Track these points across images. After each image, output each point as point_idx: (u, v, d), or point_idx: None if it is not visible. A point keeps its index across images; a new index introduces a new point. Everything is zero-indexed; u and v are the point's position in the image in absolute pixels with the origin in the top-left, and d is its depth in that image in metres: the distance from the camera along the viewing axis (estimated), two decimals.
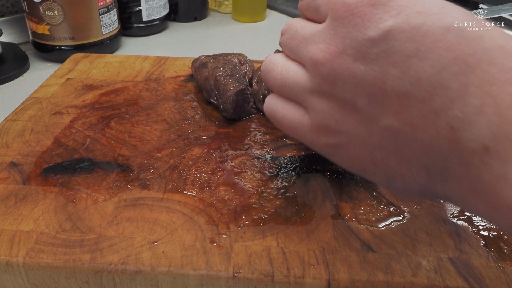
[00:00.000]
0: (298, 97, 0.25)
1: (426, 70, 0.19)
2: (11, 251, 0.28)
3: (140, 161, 0.37)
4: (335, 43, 0.22)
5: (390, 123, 0.20)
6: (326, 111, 0.23)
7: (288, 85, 0.25)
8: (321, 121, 0.24)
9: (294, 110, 0.26)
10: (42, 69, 0.63)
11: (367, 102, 0.21)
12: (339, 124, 0.23)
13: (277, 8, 0.89)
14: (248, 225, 0.30)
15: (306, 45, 0.24)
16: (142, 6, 0.73)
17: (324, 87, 0.23)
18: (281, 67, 0.26)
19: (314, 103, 0.24)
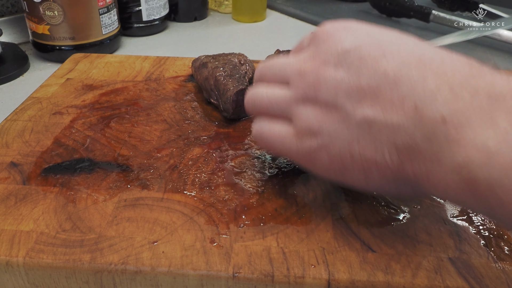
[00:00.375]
0: (284, 109, 0.28)
1: (392, 67, 0.24)
2: (11, 251, 0.28)
3: (140, 161, 0.37)
4: (318, 57, 0.27)
5: (366, 113, 0.24)
6: (310, 115, 0.26)
7: (273, 102, 0.29)
8: (305, 125, 0.26)
9: (280, 124, 0.29)
10: (42, 69, 0.63)
11: (346, 99, 0.25)
12: (322, 124, 0.26)
13: (277, 8, 0.89)
14: (248, 225, 0.30)
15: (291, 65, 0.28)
16: (142, 6, 0.73)
17: (309, 93, 0.26)
18: (265, 92, 0.30)
19: (299, 110, 0.27)
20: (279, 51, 0.49)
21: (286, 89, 0.28)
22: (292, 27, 0.82)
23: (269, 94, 0.29)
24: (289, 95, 0.28)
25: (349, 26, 0.27)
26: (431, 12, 0.75)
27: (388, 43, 0.25)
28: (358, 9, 0.88)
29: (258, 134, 0.30)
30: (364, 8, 0.88)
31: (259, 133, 0.30)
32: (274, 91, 0.29)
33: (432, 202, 0.33)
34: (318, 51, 0.27)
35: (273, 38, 0.76)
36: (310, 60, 0.27)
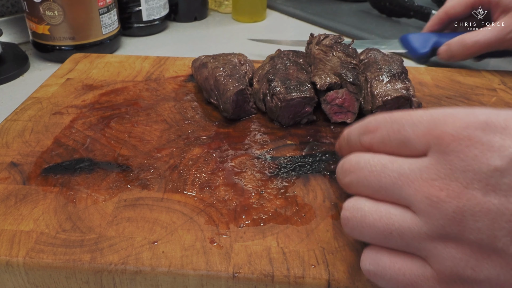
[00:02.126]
0: (412, 246, 0.21)
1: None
2: (11, 251, 0.28)
3: (140, 161, 0.37)
4: (455, 178, 0.19)
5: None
6: (457, 258, 0.20)
7: (394, 233, 0.21)
8: (451, 270, 0.20)
9: (410, 263, 0.21)
10: (42, 69, 0.63)
11: (510, 241, 0.18)
12: (477, 271, 0.19)
13: (277, 8, 0.89)
14: (248, 225, 0.30)
15: (411, 183, 0.21)
16: (142, 6, 0.73)
17: (450, 230, 0.19)
18: (375, 213, 0.22)
19: (437, 250, 0.20)
20: (280, 51, 0.49)
21: (410, 215, 0.21)
22: (292, 27, 0.82)
23: (384, 219, 0.22)
24: (417, 227, 0.21)
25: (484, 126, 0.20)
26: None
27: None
28: (358, 9, 0.88)
29: (377, 270, 0.22)
30: (364, 8, 0.88)
31: (379, 268, 0.22)
32: (391, 215, 0.22)
33: None
34: (451, 168, 0.20)
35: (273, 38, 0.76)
36: (442, 180, 0.20)
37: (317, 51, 0.46)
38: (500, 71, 0.54)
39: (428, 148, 0.21)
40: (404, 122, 0.22)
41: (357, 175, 0.23)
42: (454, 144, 0.20)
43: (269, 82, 0.43)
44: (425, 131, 0.21)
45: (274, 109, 0.41)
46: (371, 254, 0.23)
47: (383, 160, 0.22)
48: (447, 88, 0.50)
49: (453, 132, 0.20)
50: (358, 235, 0.23)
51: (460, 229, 0.19)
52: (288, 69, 0.44)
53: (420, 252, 0.21)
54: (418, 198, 0.20)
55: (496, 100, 0.47)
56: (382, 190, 0.22)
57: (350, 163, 0.24)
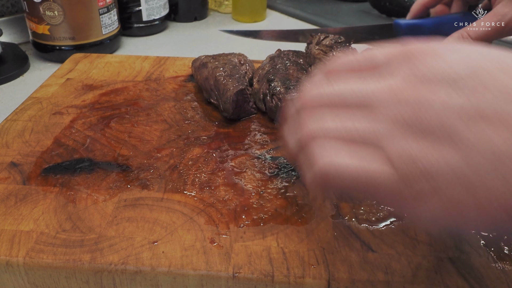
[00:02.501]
0: (371, 143, 0.21)
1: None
2: (11, 251, 0.28)
3: (140, 161, 0.37)
4: (417, 78, 0.21)
5: (493, 142, 0.19)
6: (415, 150, 0.20)
7: (355, 134, 0.22)
8: (412, 165, 0.20)
9: (368, 159, 0.21)
10: (42, 69, 0.63)
11: (464, 127, 0.19)
12: (435, 162, 0.20)
13: (277, 8, 0.89)
14: (248, 225, 0.30)
15: (375, 87, 0.22)
16: (142, 6, 0.73)
17: (410, 121, 0.20)
18: (337, 122, 0.23)
19: (397, 144, 0.21)
20: (280, 51, 0.49)
21: (371, 118, 0.22)
22: (292, 27, 0.82)
23: (346, 125, 0.22)
24: (377, 124, 0.21)
25: (449, 44, 0.22)
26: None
27: (505, 57, 0.20)
28: (358, 9, 0.88)
29: (331, 170, 0.22)
30: (364, 8, 0.88)
31: (334, 168, 0.22)
32: (353, 121, 0.22)
33: None
34: (415, 70, 0.21)
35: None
36: (404, 81, 0.21)
37: (317, 51, 0.46)
38: None
39: (394, 62, 0.22)
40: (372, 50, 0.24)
41: (315, 95, 0.24)
42: (419, 54, 0.21)
43: (269, 82, 0.43)
44: (391, 50, 0.23)
45: (274, 109, 0.41)
46: (325, 154, 0.22)
47: (352, 84, 0.23)
48: None
49: (420, 47, 0.22)
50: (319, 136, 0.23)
51: (419, 120, 0.20)
52: (288, 69, 0.44)
53: (380, 149, 0.21)
54: (379, 96, 0.22)
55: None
56: (344, 101, 0.23)
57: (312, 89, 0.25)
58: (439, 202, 0.20)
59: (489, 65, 0.20)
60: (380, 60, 0.23)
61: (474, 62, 0.20)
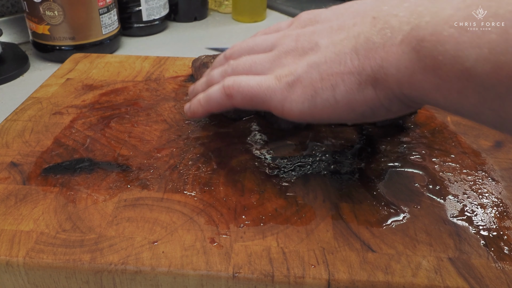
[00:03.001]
0: (267, 67, 0.31)
1: (363, 7, 0.29)
2: (11, 251, 0.28)
3: (140, 161, 0.37)
4: (301, 24, 0.33)
5: (333, 38, 0.28)
6: (289, 61, 0.30)
7: (258, 62, 0.32)
8: (285, 69, 0.30)
9: (259, 77, 0.31)
10: (42, 69, 0.63)
11: (319, 37, 0.30)
12: (297, 62, 0.30)
13: (277, 8, 0.89)
14: (248, 225, 0.30)
15: (276, 34, 0.33)
16: (142, 6, 0.73)
17: (291, 46, 0.31)
18: (249, 57, 0.33)
19: (280, 62, 0.31)
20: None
21: (271, 52, 0.32)
22: None
23: (254, 58, 0.32)
24: (272, 53, 0.31)
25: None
26: None
27: (354, 2, 0.30)
28: None
29: (235, 85, 0.31)
30: None
31: (237, 84, 0.31)
32: (259, 55, 0.32)
33: (432, 202, 0.33)
34: (298, 22, 0.33)
35: None
36: (292, 28, 0.33)
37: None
38: None
39: (290, 24, 0.35)
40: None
41: (240, 46, 0.36)
42: (303, 15, 0.33)
43: None
44: (291, 20, 0.35)
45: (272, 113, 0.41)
46: (232, 78, 0.32)
47: (263, 36, 0.34)
48: None
49: (304, 12, 0.34)
50: (233, 71, 0.33)
51: (296, 43, 0.30)
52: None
53: (271, 70, 0.31)
54: (277, 38, 0.33)
55: None
56: (257, 46, 0.34)
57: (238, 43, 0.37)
58: (301, 88, 0.28)
59: (340, 7, 0.31)
60: (282, 25, 0.35)
61: (333, 9, 0.31)
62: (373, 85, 0.26)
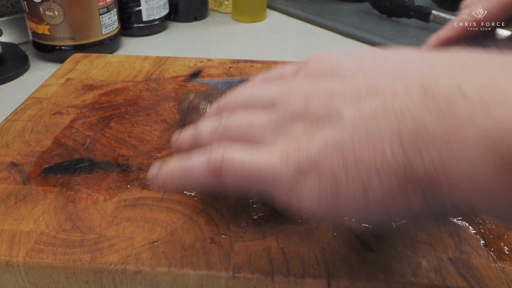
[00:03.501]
0: (268, 134, 0.24)
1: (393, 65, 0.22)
2: (11, 251, 0.28)
3: (140, 161, 0.37)
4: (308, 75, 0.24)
5: (362, 111, 0.20)
6: (298, 131, 0.22)
7: (256, 126, 0.24)
8: (292, 144, 0.22)
9: (257, 150, 0.23)
10: (42, 69, 0.63)
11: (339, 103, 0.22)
12: (311, 137, 0.21)
13: (277, 8, 0.89)
14: (248, 225, 0.30)
15: (278, 87, 0.26)
16: (142, 6, 0.73)
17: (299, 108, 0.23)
18: (245, 117, 0.25)
19: (286, 131, 0.23)
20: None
21: (272, 112, 0.24)
22: (292, 27, 0.82)
23: (251, 118, 0.25)
24: (275, 116, 0.24)
25: (336, 50, 0.26)
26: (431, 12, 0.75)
27: (383, 53, 0.23)
28: (358, 9, 0.88)
29: (226, 160, 0.23)
30: (364, 8, 0.88)
31: (228, 160, 0.23)
32: (258, 116, 0.25)
33: None
34: (307, 70, 0.25)
35: (273, 38, 0.76)
36: (299, 79, 0.24)
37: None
38: None
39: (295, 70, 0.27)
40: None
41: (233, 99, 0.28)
42: (311, 59, 0.25)
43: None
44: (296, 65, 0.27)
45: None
46: (219, 149, 0.24)
47: (261, 87, 0.27)
48: None
49: (311, 56, 0.26)
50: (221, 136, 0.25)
51: (307, 105, 0.23)
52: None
53: (273, 139, 0.23)
54: (280, 93, 0.25)
55: None
56: (254, 102, 0.26)
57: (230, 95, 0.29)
58: (316, 179, 0.21)
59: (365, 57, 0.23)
60: (287, 72, 0.27)
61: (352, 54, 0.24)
62: (424, 188, 0.19)
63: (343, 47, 0.72)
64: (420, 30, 0.76)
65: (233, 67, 0.53)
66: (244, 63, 0.54)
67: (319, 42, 0.74)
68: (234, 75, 0.51)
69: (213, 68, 0.53)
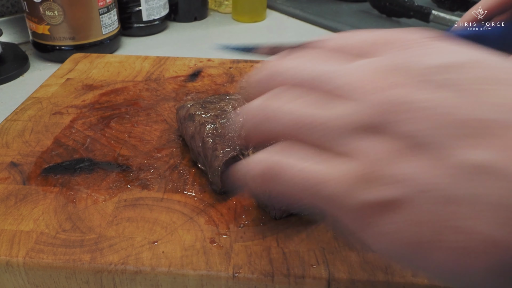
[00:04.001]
0: (334, 138, 0.18)
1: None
2: (11, 251, 0.28)
3: (140, 161, 0.37)
4: (401, 69, 0.18)
5: (480, 157, 0.15)
6: (385, 152, 0.16)
7: (319, 123, 0.18)
8: (376, 166, 0.17)
9: (318, 160, 0.18)
10: (42, 69, 0.63)
11: (448, 136, 0.16)
12: (405, 167, 0.16)
13: (277, 8, 0.89)
14: (248, 225, 0.30)
15: (345, 75, 0.18)
16: (142, 6, 0.73)
17: (386, 119, 0.17)
18: (295, 100, 0.19)
19: (364, 142, 0.17)
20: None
21: (338, 106, 0.18)
22: (292, 27, 0.82)
23: (312, 111, 0.18)
24: (347, 116, 0.18)
25: (434, 37, 0.19)
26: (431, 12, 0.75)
27: (501, 63, 0.17)
28: (358, 9, 0.88)
29: (270, 168, 0.19)
30: (364, 8, 0.88)
31: (273, 166, 0.19)
32: (319, 108, 0.18)
33: None
34: (398, 60, 0.18)
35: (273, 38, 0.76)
36: (385, 71, 0.18)
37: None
38: None
39: (372, 47, 0.19)
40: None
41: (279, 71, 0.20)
42: (403, 42, 0.18)
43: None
44: (371, 36, 0.20)
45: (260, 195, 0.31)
46: (265, 153, 0.19)
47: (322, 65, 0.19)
48: None
49: (403, 34, 0.19)
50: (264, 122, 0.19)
51: (398, 119, 0.17)
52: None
53: (341, 147, 0.18)
54: (352, 86, 0.18)
55: None
56: (312, 83, 0.19)
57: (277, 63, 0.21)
58: (401, 221, 0.16)
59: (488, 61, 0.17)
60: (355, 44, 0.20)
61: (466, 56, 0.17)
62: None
63: None
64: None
65: (233, 67, 0.53)
66: (244, 63, 0.54)
67: None
68: (234, 75, 0.51)
69: (213, 68, 0.53)
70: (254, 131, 0.20)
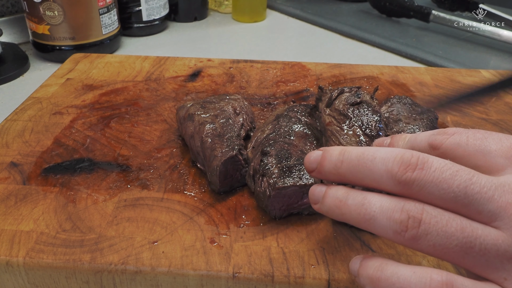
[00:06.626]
0: (492, 264, 0.18)
1: None
2: (11, 251, 0.28)
3: (140, 161, 0.37)
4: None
5: None
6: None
7: (477, 248, 0.18)
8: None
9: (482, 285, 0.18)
10: (42, 69, 0.63)
11: None
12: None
13: (277, 8, 0.89)
14: (248, 225, 0.30)
15: (499, 197, 0.19)
16: (142, 6, 0.73)
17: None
18: (454, 222, 0.19)
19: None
20: (290, 106, 0.39)
21: (494, 231, 0.19)
22: (292, 27, 0.82)
23: (467, 229, 0.19)
24: (505, 244, 0.18)
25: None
26: (431, 12, 0.75)
27: None
28: (358, 9, 0.88)
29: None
30: (364, 8, 0.88)
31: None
32: (473, 227, 0.19)
33: None
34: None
35: (273, 38, 0.76)
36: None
37: (328, 118, 0.34)
38: (500, 71, 0.54)
39: (509, 165, 0.20)
40: (488, 135, 0.21)
41: (423, 174, 0.20)
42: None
43: (262, 156, 0.32)
44: (510, 147, 0.20)
45: (261, 196, 0.31)
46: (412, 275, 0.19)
47: (456, 167, 0.19)
48: (447, 88, 0.50)
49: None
50: (429, 246, 0.19)
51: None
52: (292, 136, 0.34)
53: (498, 272, 0.18)
54: (508, 212, 0.18)
55: (496, 100, 0.47)
56: (454, 199, 0.19)
57: (413, 157, 0.20)
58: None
59: None
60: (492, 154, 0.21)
61: None
62: None
63: (343, 47, 0.72)
64: (420, 30, 0.76)
65: (233, 67, 0.53)
66: (244, 63, 0.54)
67: (319, 42, 0.74)
68: (234, 75, 0.51)
69: (213, 68, 0.53)
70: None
